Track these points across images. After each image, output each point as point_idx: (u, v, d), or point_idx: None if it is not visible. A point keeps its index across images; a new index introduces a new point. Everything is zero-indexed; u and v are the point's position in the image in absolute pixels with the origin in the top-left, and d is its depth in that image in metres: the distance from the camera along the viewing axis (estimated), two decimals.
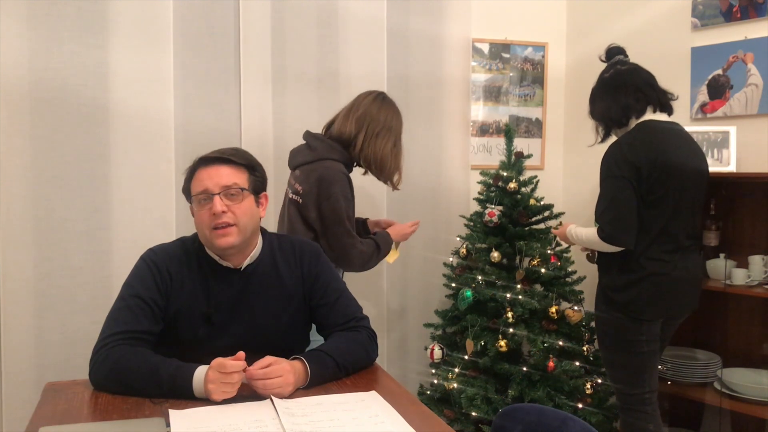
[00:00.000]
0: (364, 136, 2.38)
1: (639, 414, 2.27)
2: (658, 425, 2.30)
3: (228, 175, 1.66)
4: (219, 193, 1.63)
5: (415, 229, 2.62)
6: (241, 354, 1.48)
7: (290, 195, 2.41)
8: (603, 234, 2.20)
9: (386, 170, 2.44)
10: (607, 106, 2.31)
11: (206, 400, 1.46)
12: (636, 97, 2.26)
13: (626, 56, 2.40)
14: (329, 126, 2.49)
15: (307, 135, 2.48)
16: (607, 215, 2.20)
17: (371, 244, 2.43)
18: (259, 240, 1.77)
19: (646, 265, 2.20)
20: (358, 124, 2.39)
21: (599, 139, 2.40)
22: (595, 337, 2.62)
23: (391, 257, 2.58)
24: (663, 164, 2.16)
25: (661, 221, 2.19)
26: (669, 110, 2.32)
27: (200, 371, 1.49)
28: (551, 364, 2.63)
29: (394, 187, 2.51)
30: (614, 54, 2.40)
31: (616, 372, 2.32)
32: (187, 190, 1.72)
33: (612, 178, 2.19)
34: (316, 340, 1.85)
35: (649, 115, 2.27)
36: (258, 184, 1.74)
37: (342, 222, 2.31)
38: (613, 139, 2.35)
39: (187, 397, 1.48)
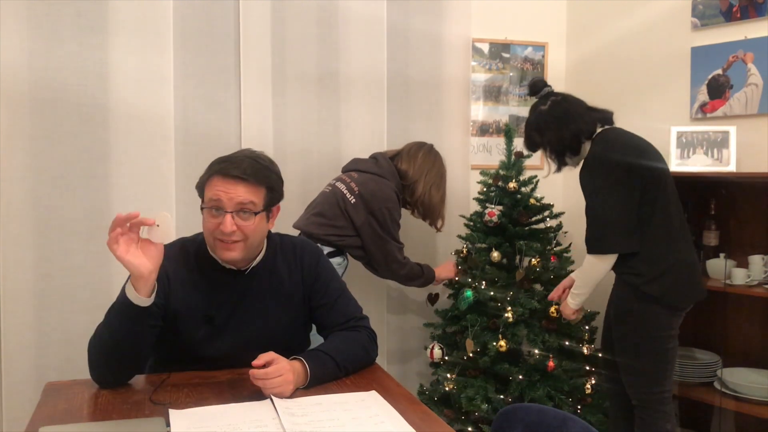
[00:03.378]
0: (423, 185, 2.74)
1: (659, 414, 2.25)
2: (674, 425, 2.29)
3: (245, 194, 1.61)
4: (231, 212, 1.60)
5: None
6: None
7: (343, 191, 2.64)
8: (598, 245, 2.21)
9: (434, 215, 2.82)
10: (559, 135, 2.34)
11: (206, 403, 1.46)
12: (584, 120, 2.32)
13: (550, 87, 2.46)
14: (393, 157, 2.79)
15: (378, 154, 2.83)
16: (599, 225, 2.22)
17: (414, 264, 2.76)
18: (264, 243, 1.77)
19: (672, 252, 2.21)
20: (418, 173, 2.75)
21: (553, 170, 2.45)
22: (597, 337, 2.62)
23: None
24: (647, 158, 2.21)
25: (668, 211, 2.22)
26: (611, 124, 2.39)
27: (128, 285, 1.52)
28: (551, 364, 2.63)
29: (438, 230, 2.88)
30: (541, 87, 2.46)
31: (641, 370, 2.28)
32: (201, 191, 1.68)
33: (607, 188, 2.20)
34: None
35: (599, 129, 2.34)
36: (274, 200, 1.70)
37: (389, 231, 2.63)
38: (567, 167, 2.42)
39: (133, 309, 1.51)
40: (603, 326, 2.49)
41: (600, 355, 2.53)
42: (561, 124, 2.34)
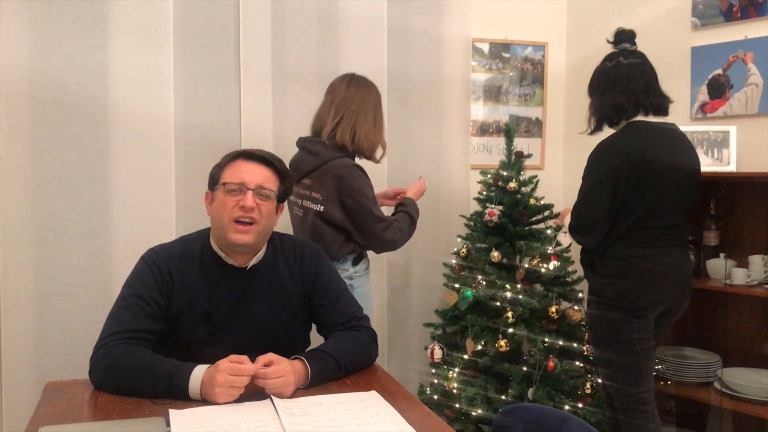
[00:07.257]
0: (348, 118, 2.40)
1: (640, 414, 2.26)
2: (658, 425, 2.30)
3: (266, 176, 1.70)
4: (254, 190, 1.66)
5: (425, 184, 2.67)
6: (245, 358, 1.48)
7: (310, 206, 2.40)
8: (570, 230, 2.28)
9: (369, 144, 2.44)
10: (602, 101, 2.29)
11: (206, 403, 1.45)
12: (629, 99, 2.22)
13: (633, 44, 2.32)
14: (318, 131, 2.46)
15: (303, 141, 2.49)
16: (576, 214, 2.25)
17: (405, 218, 2.48)
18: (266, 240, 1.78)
19: (629, 258, 2.20)
20: (337, 110, 2.41)
21: (589, 131, 2.36)
22: (587, 337, 2.62)
23: None
24: (644, 164, 2.14)
25: (646, 218, 2.19)
26: (663, 113, 2.27)
27: (197, 371, 1.48)
28: (551, 364, 2.63)
29: (376, 161, 2.52)
30: (622, 40, 2.32)
31: (614, 372, 2.29)
32: (216, 176, 1.72)
33: (588, 178, 2.22)
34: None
35: (641, 117, 2.24)
36: (283, 194, 1.76)
37: (371, 213, 2.35)
38: (603, 132, 2.34)
39: (182, 397, 1.47)
40: None
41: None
42: (609, 91, 2.24)
